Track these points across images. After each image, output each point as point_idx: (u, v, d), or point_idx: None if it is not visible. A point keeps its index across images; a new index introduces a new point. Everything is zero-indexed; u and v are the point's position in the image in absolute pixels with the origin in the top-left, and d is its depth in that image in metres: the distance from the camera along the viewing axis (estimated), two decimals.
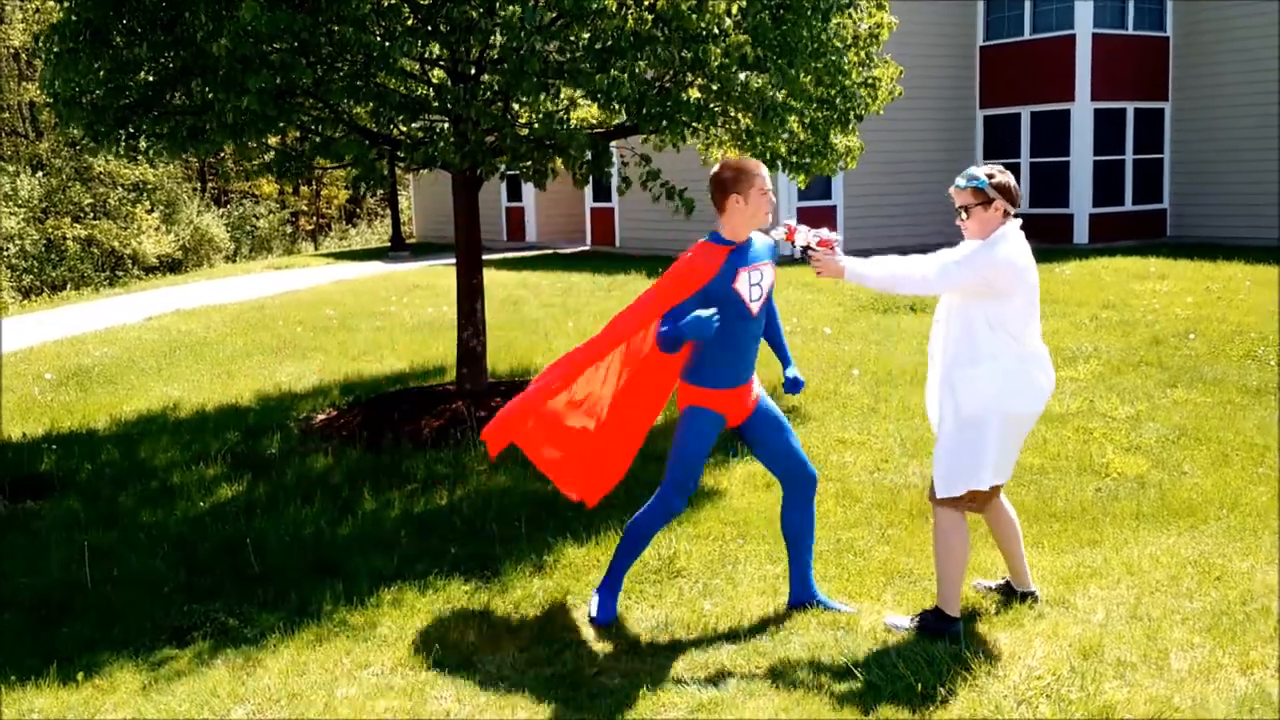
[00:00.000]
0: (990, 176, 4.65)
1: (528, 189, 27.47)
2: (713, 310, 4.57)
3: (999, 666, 4.27)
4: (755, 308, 4.82)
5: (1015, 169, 22.08)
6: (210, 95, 7.21)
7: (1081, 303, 12.94)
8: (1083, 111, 20.96)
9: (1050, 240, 21.23)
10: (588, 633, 4.85)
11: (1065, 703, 3.96)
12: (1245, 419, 7.90)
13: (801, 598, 4.99)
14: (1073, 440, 7.54)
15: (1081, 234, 21.20)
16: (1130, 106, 21.39)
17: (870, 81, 8.69)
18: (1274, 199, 20.19)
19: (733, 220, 4.73)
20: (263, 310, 15.58)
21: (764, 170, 4.73)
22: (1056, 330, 11.35)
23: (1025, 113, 21.84)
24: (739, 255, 4.76)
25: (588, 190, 25.04)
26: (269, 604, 5.34)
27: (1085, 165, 21.12)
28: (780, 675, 4.31)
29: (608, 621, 4.89)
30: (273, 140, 8.85)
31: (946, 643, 4.45)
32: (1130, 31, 21.27)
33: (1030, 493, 6.46)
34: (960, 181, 4.71)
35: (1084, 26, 20.72)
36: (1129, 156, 21.46)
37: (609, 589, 4.99)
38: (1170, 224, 21.98)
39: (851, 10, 8.23)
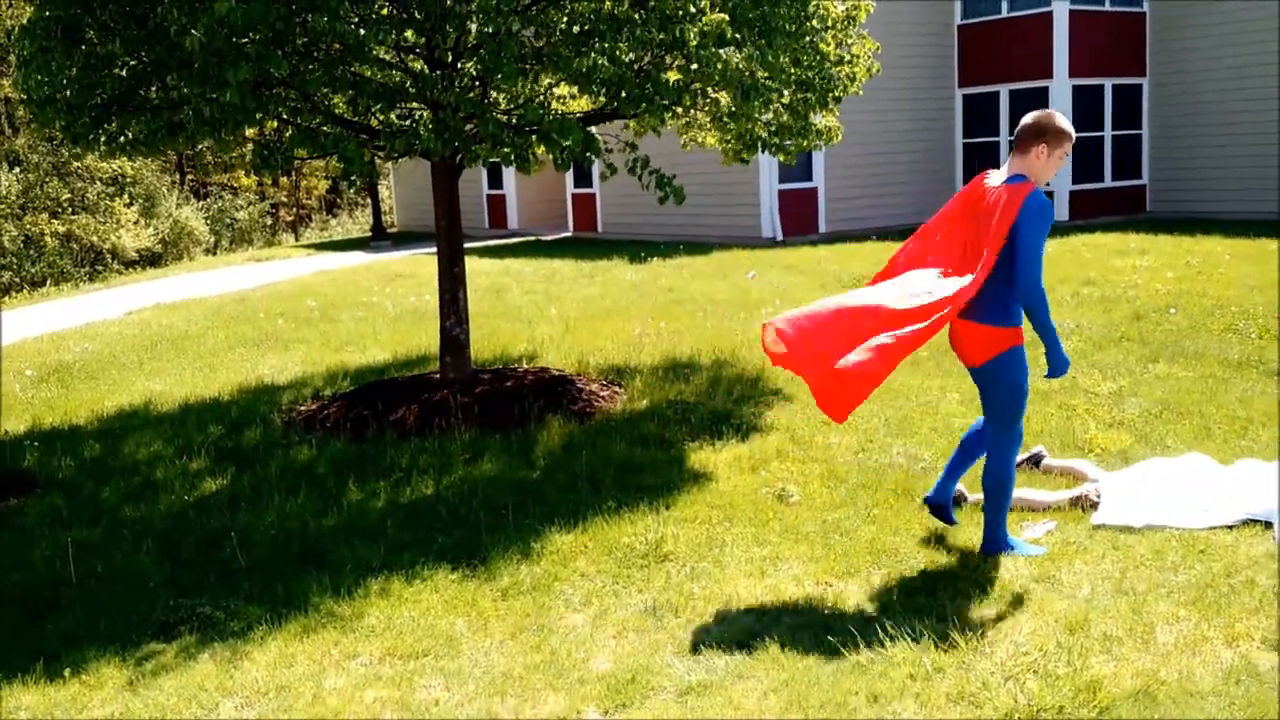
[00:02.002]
0: None
1: (509, 176, 27.39)
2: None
3: (986, 643, 4.29)
4: None
5: (994, 148, 22.12)
6: (186, 90, 7.15)
7: (1063, 279, 12.97)
8: (1061, 89, 20.98)
9: None
10: (575, 618, 4.85)
11: (1052, 678, 3.97)
12: (1227, 392, 7.94)
13: (936, 498, 5.48)
14: (1056, 416, 7.56)
15: (1062, 211, 21.25)
16: (1108, 83, 21.43)
17: (848, 59, 8.68)
18: (1251, 173, 20.27)
19: (1032, 165, 5.03)
20: (244, 303, 15.51)
21: (1071, 141, 5.07)
22: None
23: (1004, 91, 21.86)
24: None
25: (569, 177, 24.98)
26: (255, 597, 5.33)
27: None
28: (769, 656, 4.32)
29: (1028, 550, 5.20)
30: (251, 133, 8.79)
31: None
32: (1107, 8, 21.30)
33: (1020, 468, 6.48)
34: None
35: (1061, 3, 20.73)
36: (1108, 133, 21.52)
37: (1005, 540, 5.21)
38: (1150, 199, 22.05)
39: None
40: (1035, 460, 6.45)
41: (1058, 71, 20.92)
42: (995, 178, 5.20)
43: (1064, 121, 5.06)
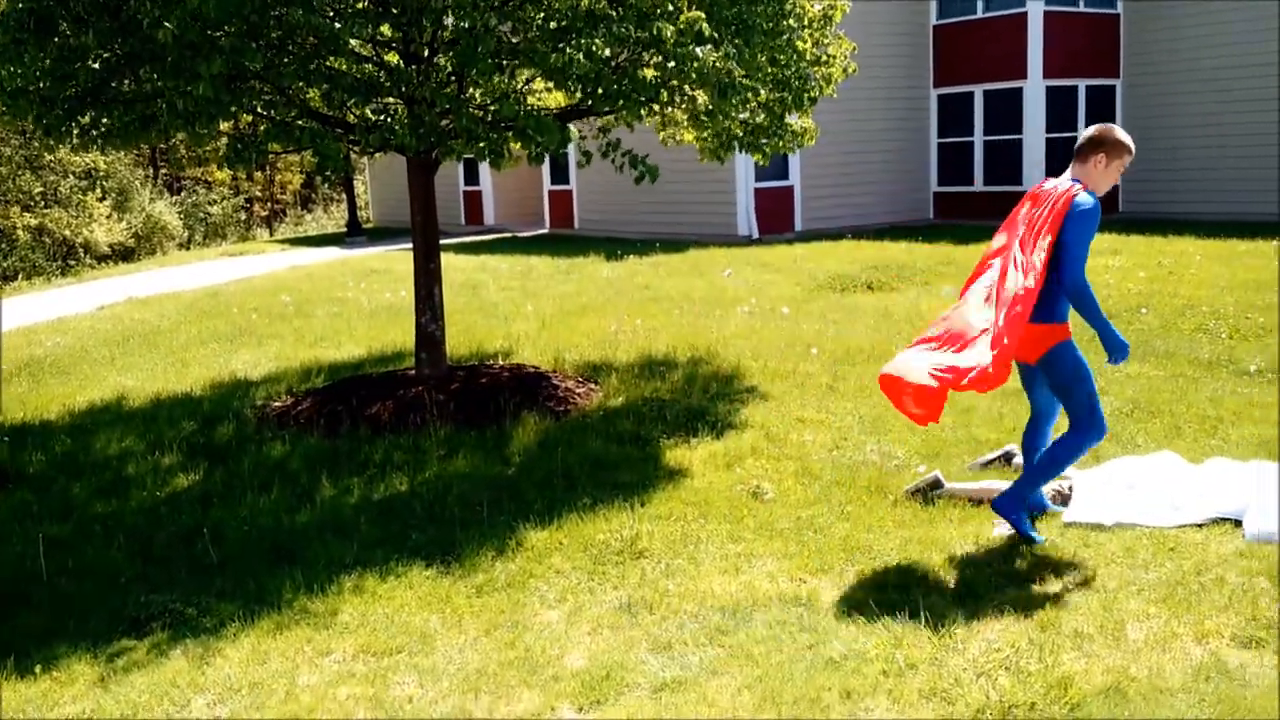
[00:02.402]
0: None
1: (485, 172, 27.33)
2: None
3: (959, 640, 4.31)
4: None
5: (969, 148, 22.23)
6: (160, 83, 7.10)
7: None
8: (1035, 89, 21.11)
9: (1004, 217, 21.35)
10: (550, 615, 4.85)
11: (1024, 674, 4.00)
12: (1197, 392, 8.01)
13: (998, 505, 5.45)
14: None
15: None
16: (1082, 84, 21.56)
17: (824, 59, 8.70)
18: (1222, 174, 20.45)
19: (1090, 173, 5.27)
20: (217, 298, 15.42)
21: (1131, 156, 5.34)
22: None
23: (978, 91, 21.96)
24: None
25: (546, 173, 24.95)
26: (227, 593, 5.30)
27: (1038, 142, 21.28)
28: (743, 653, 4.33)
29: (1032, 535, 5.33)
30: (225, 127, 8.73)
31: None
32: (1081, 9, 21.43)
33: (990, 466, 6.51)
34: None
35: (1035, 4, 20.85)
36: (1081, 133, 21.64)
37: (1019, 513, 5.34)
38: (1123, 200, 22.20)
39: None
40: (1007, 457, 6.49)
41: (1032, 72, 21.04)
42: (1052, 182, 5.40)
43: (1124, 135, 5.31)
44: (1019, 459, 6.47)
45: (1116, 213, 22.03)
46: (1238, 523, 5.43)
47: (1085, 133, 5.37)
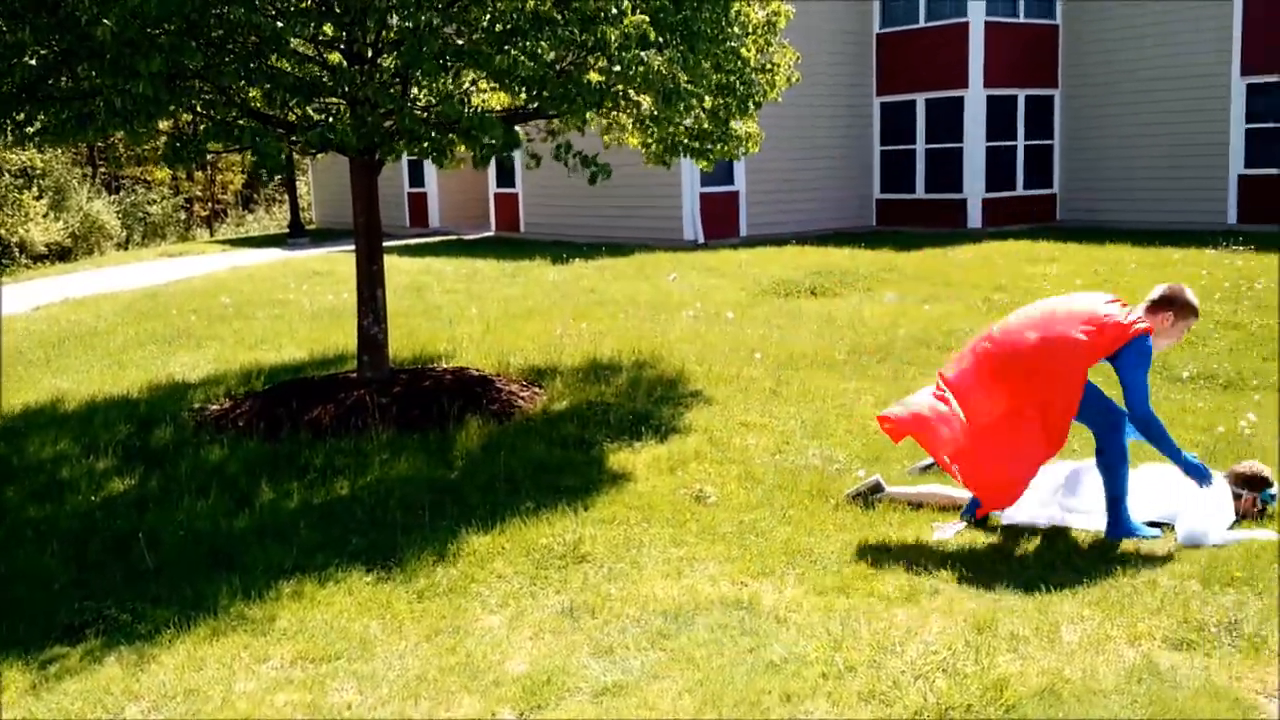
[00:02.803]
0: None
1: (431, 174, 27.17)
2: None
3: (897, 642, 4.36)
4: None
5: (910, 155, 22.47)
6: (98, 80, 6.98)
7: (975, 285, 13.23)
8: (976, 98, 21.39)
9: (945, 224, 21.68)
10: (492, 620, 4.83)
11: (960, 676, 4.05)
12: None
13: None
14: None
15: (975, 218, 21.66)
16: (1021, 93, 21.89)
17: (768, 67, 8.76)
18: (1156, 184, 20.85)
19: (1154, 325, 5.45)
20: (155, 299, 15.18)
21: (1196, 320, 5.61)
22: (951, 313, 11.59)
23: (920, 99, 22.21)
24: None
25: (491, 175, 24.86)
26: (163, 599, 5.23)
27: (978, 151, 21.57)
28: (684, 656, 4.34)
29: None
30: (165, 125, 8.60)
31: None
32: (1021, 20, 21.75)
33: (929, 471, 6.58)
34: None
35: (977, 14, 21.13)
36: (1020, 142, 21.98)
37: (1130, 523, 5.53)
38: (1060, 208, 22.57)
39: None
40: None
41: (973, 81, 21.32)
42: (1095, 303, 5.58)
43: (1193, 297, 5.52)
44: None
45: (1054, 221, 22.38)
46: (1170, 526, 5.54)
47: (1159, 289, 5.58)
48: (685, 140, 8.67)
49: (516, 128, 8.02)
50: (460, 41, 7.27)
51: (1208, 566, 5.02)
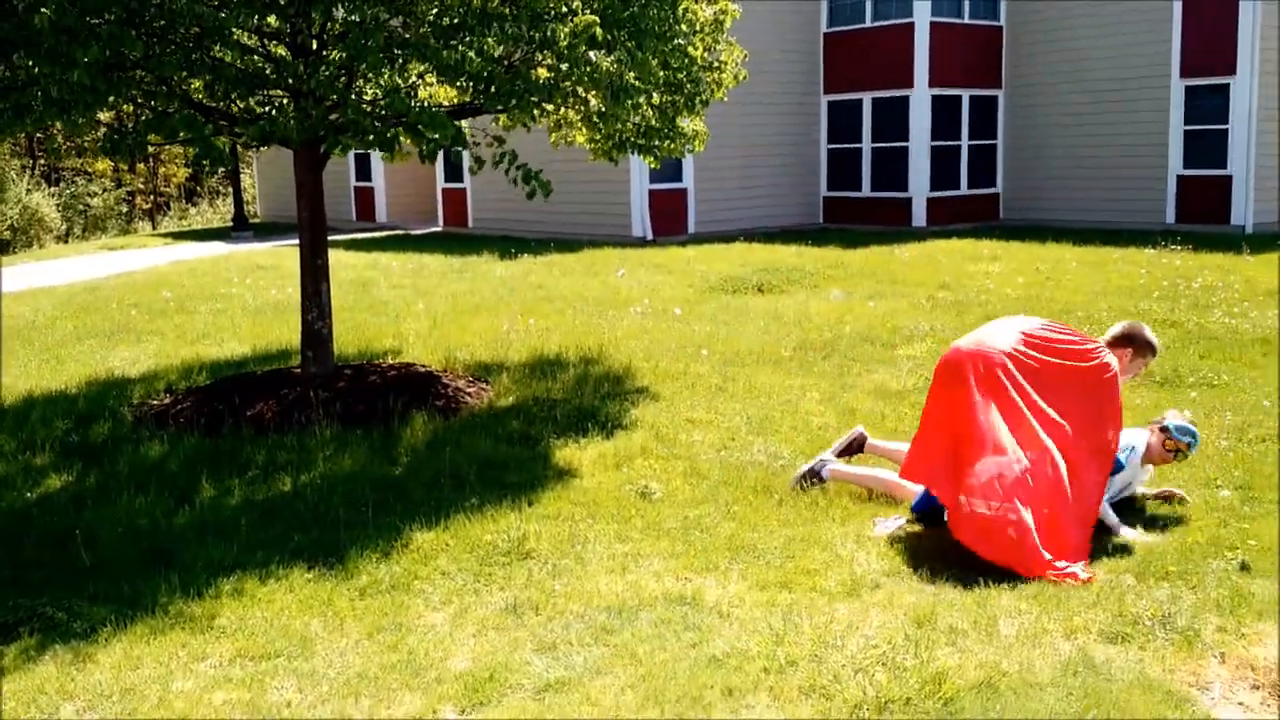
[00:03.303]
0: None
1: (378, 168, 26.95)
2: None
3: (838, 636, 4.40)
4: None
5: (857, 154, 22.65)
6: (35, 70, 6.86)
7: (919, 283, 13.36)
8: (921, 98, 21.60)
9: (890, 223, 21.88)
10: (435, 617, 4.82)
11: (900, 670, 4.10)
12: None
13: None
14: (909, 416, 7.78)
15: (920, 217, 21.88)
16: (966, 94, 22.14)
17: (716, 65, 8.79)
18: (1097, 184, 21.18)
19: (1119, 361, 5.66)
20: (95, 292, 14.94)
21: (1155, 358, 5.86)
22: (895, 310, 11.70)
23: (867, 99, 22.39)
24: None
25: (439, 170, 24.71)
26: (100, 597, 5.15)
27: (923, 150, 21.79)
28: (627, 652, 4.35)
29: None
30: (105, 116, 8.46)
31: None
32: (966, 21, 22.00)
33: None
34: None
35: (922, 15, 21.34)
36: (964, 142, 22.23)
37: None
38: (1003, 207, 22.85)
39: None
40: (859, 443, 6.52)
41: (918, 81, 21.53)
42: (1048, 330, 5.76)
43: (1152, 336, 5.75)
44: (871, 440, 6.52)
45: (997, 220, 22.66)
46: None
47: (1118, 327, 5.81)
48: (633, 137, 8.68)
49: (464, 126, 7.98)
50: (407, 35, 7.22)
51: (1142, 561, 5.12)
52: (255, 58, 8.13)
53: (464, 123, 8.67)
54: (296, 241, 8.94)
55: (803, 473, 6.30)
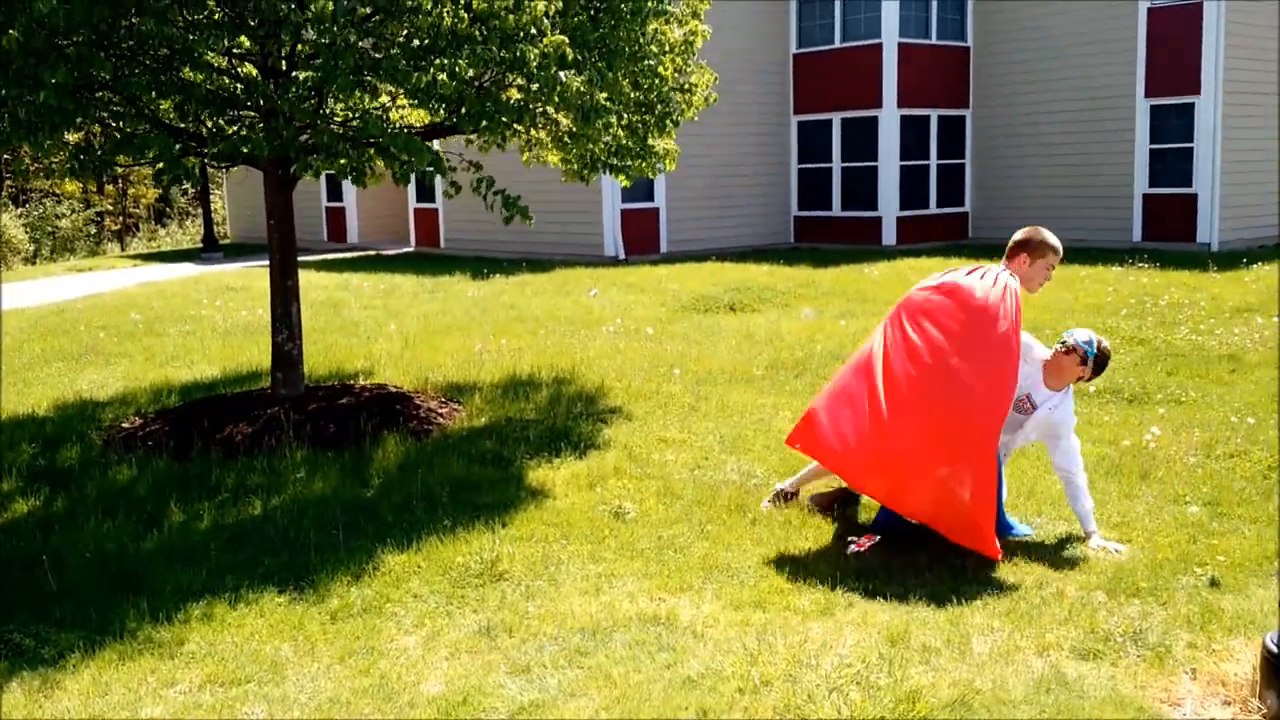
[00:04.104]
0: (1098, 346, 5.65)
1: (349, 189, 26.91)
2: None
3: (812, 655, 4.40)
4: None
5: (827, 174, 22.79)
6: (2, 92, 6.80)
7: (889, 301, 13.35)
8: (890, 118, 21.77)
9: (860, 242, 22.01)
10: (407, 641, 4.78)
11: (874, 689, 4.10)
12: None
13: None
14: None
15: (889, 236, 22.02)
16: (934, 113, 22.33)
17: (686, 87, 8.84)
18: (1063, 201, 21.39)
19: (1018, 271, 5.70)
20: (63, 314, 14.81)
21: (1059, 256, 5.75)
22: (866, 328, 11.74)
23: (836, 119, 22.55)
24: None
25: (411, 191, 24.69)
26: (67, 623, 5.08)
27: (892, 170, 21.95)
28: (601, 673, 4.34)
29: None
30: (73, 137, 8.42)
31: None
32: (934, 41, 22.21)
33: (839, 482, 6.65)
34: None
35: (890, 36, 21.53)
36: (933, 161, 22.41)
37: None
38: (972, 226, 23.04)
39: (666, 17, 8.33)
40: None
41: (887, 101, 21.70)
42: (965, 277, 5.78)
43: (1049, 236, 5.70)
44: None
45: (966, 238, 22.83)
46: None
47: (1020, 235, 5.76)
48: (604, 157, 8.71)
49: (439, 149, 7.98)
50: (378, 57, 7.22)
51: (1113, 578, 5.15)
52: (225, 78, 8.11)
53: (436, 144, 8.68)
54: (267, 262, 8.90)
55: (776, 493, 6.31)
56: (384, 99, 8.60)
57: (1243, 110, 19.91)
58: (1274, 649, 3.84)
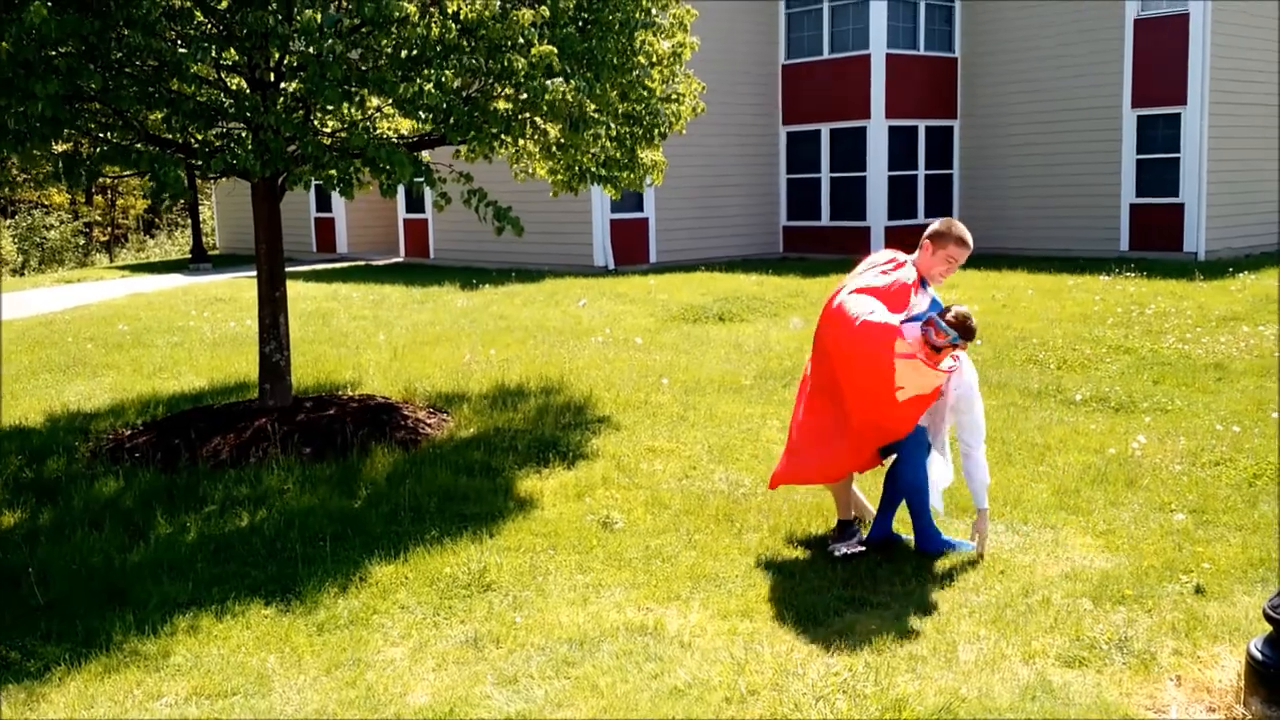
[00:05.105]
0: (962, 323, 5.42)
1: (338, 199, 26.90)
2: None
3: (798, 664, 4.40)
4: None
5: (815, 184, 22.85)
6: None
7: None
8: (878, 128, 21.84)
9: (849, 252, 22.01)
10: (394, 652, 4.78)
11: (860, 697, 4.11)
12: (1027, 420, 8.37)
13: (879, 535, 5.80)
14: None
15: (878, 246, 22.05)
16: (922, 124, 22.41)
17: (674, 97, 8.86)
18: (1050, 212, 21.48)
19: (921, 261, 5.69)
20: (51, 326, 14.78)
21: (964, 249, 5.63)
22: None
23: (825, 129, 22.61)
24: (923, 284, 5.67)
25: (400, 201, 24.68)
26: (53, 636, 5.06)
27: (880, 180, 22.01)
28: (589, 684, 4.34)
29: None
30: (62, 147, 8.40)
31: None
32: (921, 52, 22.30)
33: (828, 494, 6.64)
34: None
35: (878, 47, 21.61)
36: (921, 172, 22.49)
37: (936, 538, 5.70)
38: None
39: (654, 29, 8.36)
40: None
41: (875, 112, 21.77)
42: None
43: (958, 229, 5.66)
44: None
45: None
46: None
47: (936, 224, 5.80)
48: (593, 168, 8.72)
49: (425, 155, 7.99)
50: (365, 68, 7.23)
51: (1099, 585, 5.17)
52: (214, 90, 8.11)
53: (426, 155, 8.69)
54: (255, 273, 8.90)
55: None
56: (371, 110, 8.61)
57: (1229, 120, 20.03)
58: (1258, 656, 3.85)
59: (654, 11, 8.34)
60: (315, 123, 8.15)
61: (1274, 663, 3.79)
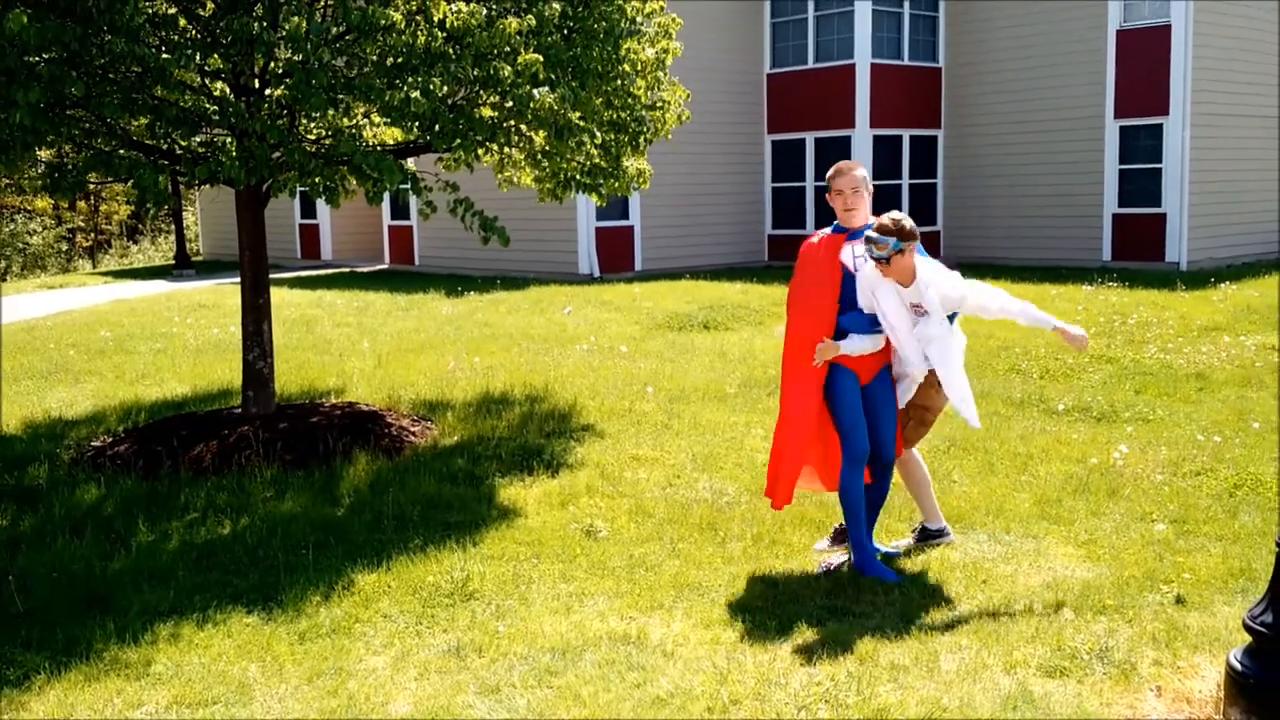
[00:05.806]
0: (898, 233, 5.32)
1: (323, 206, 26.83)
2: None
3: (781, 674, 4.41)
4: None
5: (801, 193, 22.91)
6: None
7: None
8: (862, 138, 21.91)
9: None
10: (376, 661, 4.77)
11: (843, 707, 4.12)
12: (1009, 429, 8.40)
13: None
14: None
15: None
16: (906, 134, 22.49)
17: (659, 104, 8.88)
18: (1034, 221, 21.57)
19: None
20: (32, 332, 14.70)
21: (836, 177, 5.59)
22: None
23: (809, 138, 22.67)
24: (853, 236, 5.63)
25: (386, 208, 24.64)
26: (34, 643, 5.03)
27: None
28: (571, 693, 4.33)
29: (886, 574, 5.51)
30: (45, 155, 8.37)
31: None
32: (906, 62, 22.39)
33: (811, 502, 6.67)
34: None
35: (863, 57, 21.69)
36: (905, 181, 22.57)
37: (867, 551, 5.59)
38: (944, 245, 23.16)
39: (639, 36, 8.38)
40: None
41: (859, 121, 21.84)
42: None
43: (843, 164, 5.69)
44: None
45: (939, 257, 22.94)
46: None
47: None
48: (578, 176, 8.74)
49: (411, 163, 7.97)
50: (351, 75, 7.23)
51: (1080, 595, 5.19)
52: (197, 96, 8.09)
53: (410, 163, 8.68)
54: (239, 279, 8.87)
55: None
56: (358, 117, 8.60)
57: (1210, 131, 20.15)
58: (1238, 666, 3.87)
59: (639, 20, 8.37)
60: (300, 129, 8.14)
61: (1254, 673, 3.81)
